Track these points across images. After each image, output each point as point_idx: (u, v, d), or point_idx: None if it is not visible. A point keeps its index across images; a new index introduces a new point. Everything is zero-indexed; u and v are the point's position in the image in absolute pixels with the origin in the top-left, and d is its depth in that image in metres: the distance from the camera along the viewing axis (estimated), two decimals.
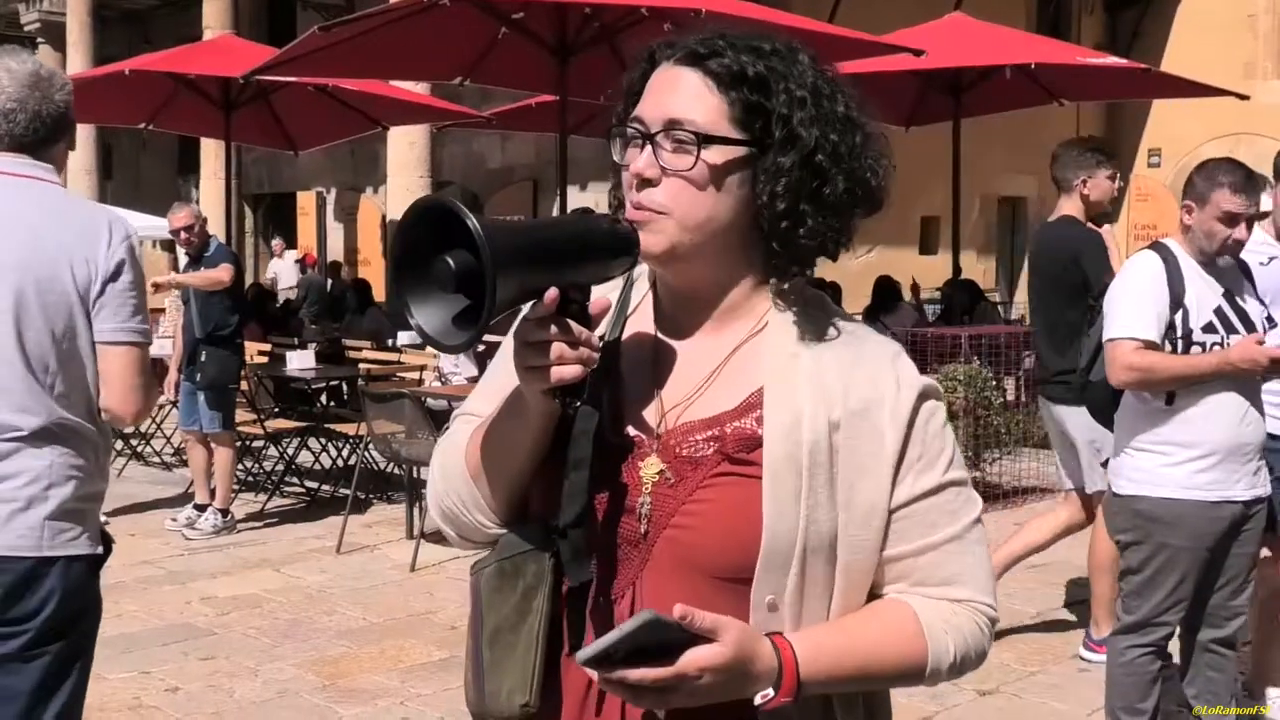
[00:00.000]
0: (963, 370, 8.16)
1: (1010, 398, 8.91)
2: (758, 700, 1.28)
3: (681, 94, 1.36)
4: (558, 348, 1.26)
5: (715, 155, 1.35)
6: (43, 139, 2.68)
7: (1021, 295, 19.80)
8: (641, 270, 1.47)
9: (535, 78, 8.56)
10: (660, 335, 1.45)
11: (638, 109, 1.39)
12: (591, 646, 1.20)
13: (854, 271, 15.20)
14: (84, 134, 17.38)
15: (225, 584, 6.26)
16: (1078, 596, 5.97)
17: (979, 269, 17.65)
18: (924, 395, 1.40)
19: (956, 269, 10.54)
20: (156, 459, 9.90)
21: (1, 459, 2.52)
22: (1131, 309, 3.54)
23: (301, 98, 10.76)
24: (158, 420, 10.23)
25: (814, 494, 1.33)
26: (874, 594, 1.41)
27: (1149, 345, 3.50)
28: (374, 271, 16.04)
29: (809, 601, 1.35)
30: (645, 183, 1.36)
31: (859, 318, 1.55)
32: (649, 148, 1.36)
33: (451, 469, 1.47)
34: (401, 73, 9.78)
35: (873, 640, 1.36)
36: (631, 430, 1.41)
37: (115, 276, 2.63)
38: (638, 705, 1.26)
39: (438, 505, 1.50)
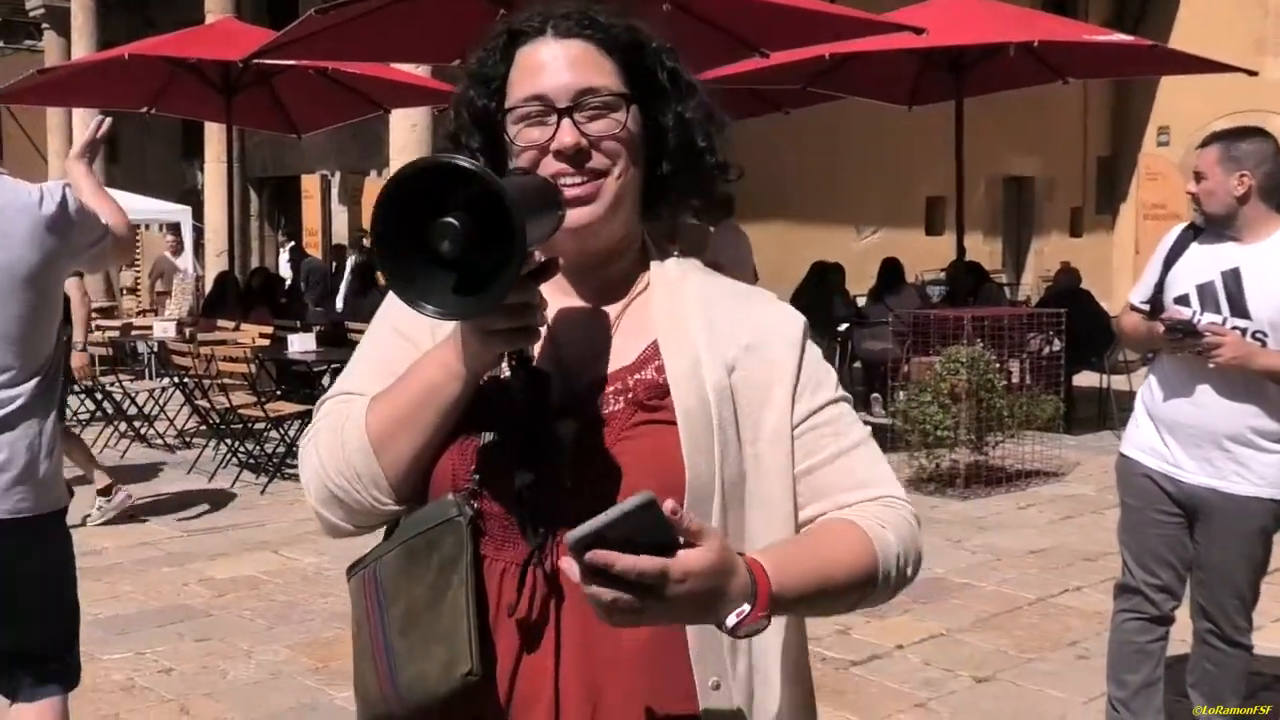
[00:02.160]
0: (965, 352, 8.11)
1: (1015, 380, 8.88)
2: (731, 620, 1.23)
3: (580, 65, 1.40)
4: (523, 310, 1.26)
5: (630, 114, 1.41)
6: None
7: (1029, 276, 19.81)
8: None
9: None
10: (556, 306, 1.44)
11: (528, 88, 1.40)
12: (583, 526, 1.13)
13: (859, 252, 15.22)
14: (86, 119, 17.39)
15: (223, 565, 6.26)
16: (1079, 582, 5.96)
17: (985, 250, 17.61)
18: (806, 329, 1.49)
19: (960, 250, 10.47)
20: (159, 440, 9.91)
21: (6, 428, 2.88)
22: (1141, 276, 3.72)
23: (303, 81, 10.76)
24: (161, 403, 10.25)
25: (723, 431, 1.38)
26: (801, 524, 1.44)
27: (1135, 309, 3.67)
28: None
29: (733, 537, 1.36)
30: (578, 155, 1.38)
31: (864, 299, 1.55)
32: (566, 121, 1.38)
33: (349, 446, 1.41)
34: (400, 55, 9.74)
35: (829, 549, 1.38)
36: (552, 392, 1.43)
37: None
38: (611, 621, 1.18)
39: (322, 487, 1.44)
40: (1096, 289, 12.46)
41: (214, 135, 15.52)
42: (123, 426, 10.01)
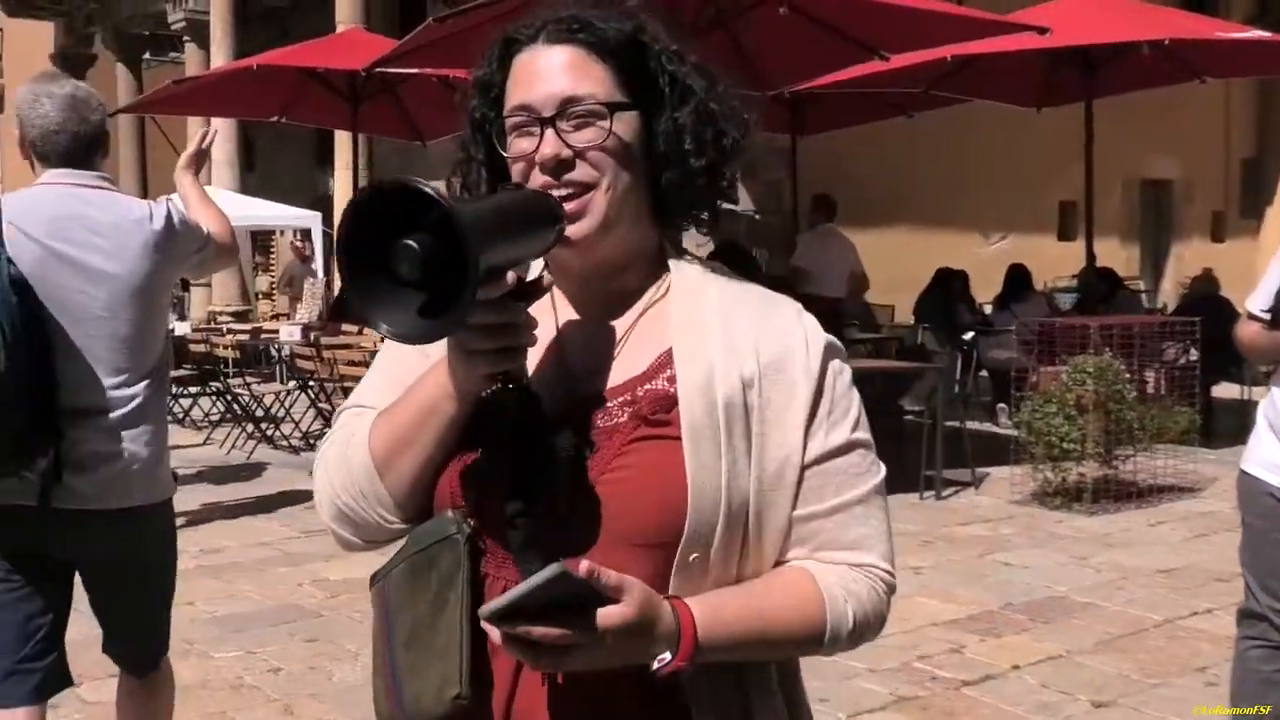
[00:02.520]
0: (1092, 362, 7.84)
1: (1151, 390, 8.56)
2: (654, 665, 1.25)
3: (568, 70, 1.35)
4: (505, 330, 1.24)
5: (620, 124, 1.34)
6: (81, 154, 3.15)
7: (1168, 283, 19.14)
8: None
9: None
10: (561, 315, 1.43)
11: (517, 97, 1.36)
12: (499, 600, 1.17)
13: (986, 259, 14.86)
14: (225, 128, 17.87)
15: (337, 567, 6.32)
16: (1210, 604, 5.68)
17: (1121, 256, 17.07)
18: (831, 351, 1.40)
19: (1090, 256, 10.15)
20: (285, 443, 10.12)
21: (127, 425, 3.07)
22: (1260, 283, 3.50)
23: (426, 88, 10.86)
24: (287, 406, 10.48)
25: (732, 450, 1.31)
26: (777, 560, 1.39)
27: (1254, 318, 3.45)
28: None
29: (728, 564, 1.33)
30: (561, 166, 1.33)
31: (989, 307, 1.47)
32: (550, 131, 1.33)
33: (354, 465, 1.40)
34: None
35: (773, 604, 1.34)
36: (549, 410, 1.36)
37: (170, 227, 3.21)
38: (535, 667, 1.24)
39: (331, 504, 1.44)
40: (1240, 296, 11.96)
41: (343, 143, 15.79)
42: (250, 428, 10.26)
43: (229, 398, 10.61)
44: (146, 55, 22.56)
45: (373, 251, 1.16)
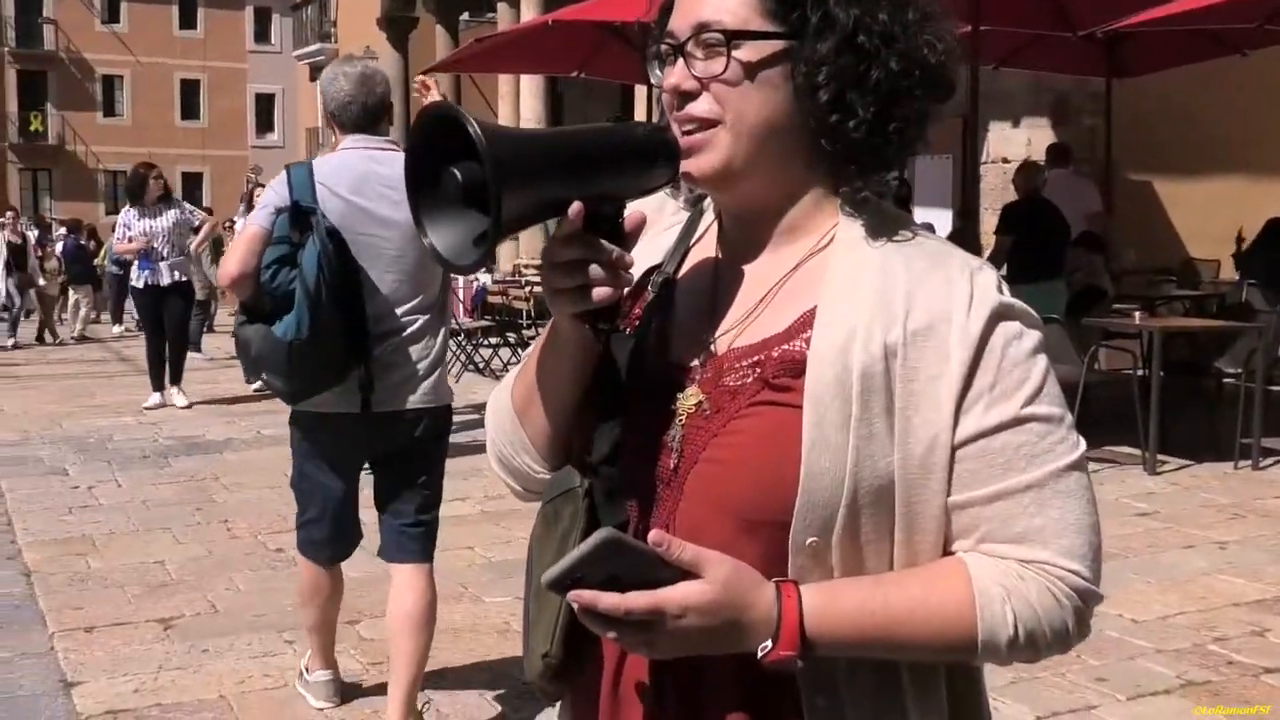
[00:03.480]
0: None
1: None
2: (759, 654, 1.14)
3: None
4: (585, 269, 1.16)
5: (749, 52, 1.22)
6: (369, 121, 3.80)
7: None
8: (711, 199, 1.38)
9: (949, 5, 8.13)
10: (722, 262, 1.33)
11: (669, 23, 1.27)
12: (554, 568, 1.11)
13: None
14: (533, 85, 18.42)
15: None
16: None
17: None
18: (1002, 314, 1.20)
19: None
20: None
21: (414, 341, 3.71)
22: None
23: None
24: None
25: (867, 424, 1.16)
26: (946, 552, 1.22)
27: None
28: None
29: (866, 551, 1.19)
30: (685, 98, 1.24)
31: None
32: (679, 61, 1.24)
33: (500, 409, 1.39)
34: None
35: (905, 597, 1.17)
36: (675, 360, 1.29)
37: None
38: (623, 644, 1.16)
39: (494, 453, 1.41)
40: None
41: (641, 96, 16.01)
42: None
43: (525, 350, 10.95)
44: (464, 16, 23.49)
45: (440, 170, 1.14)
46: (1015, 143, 13.19)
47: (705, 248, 1.37)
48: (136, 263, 10.72)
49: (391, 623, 3.76)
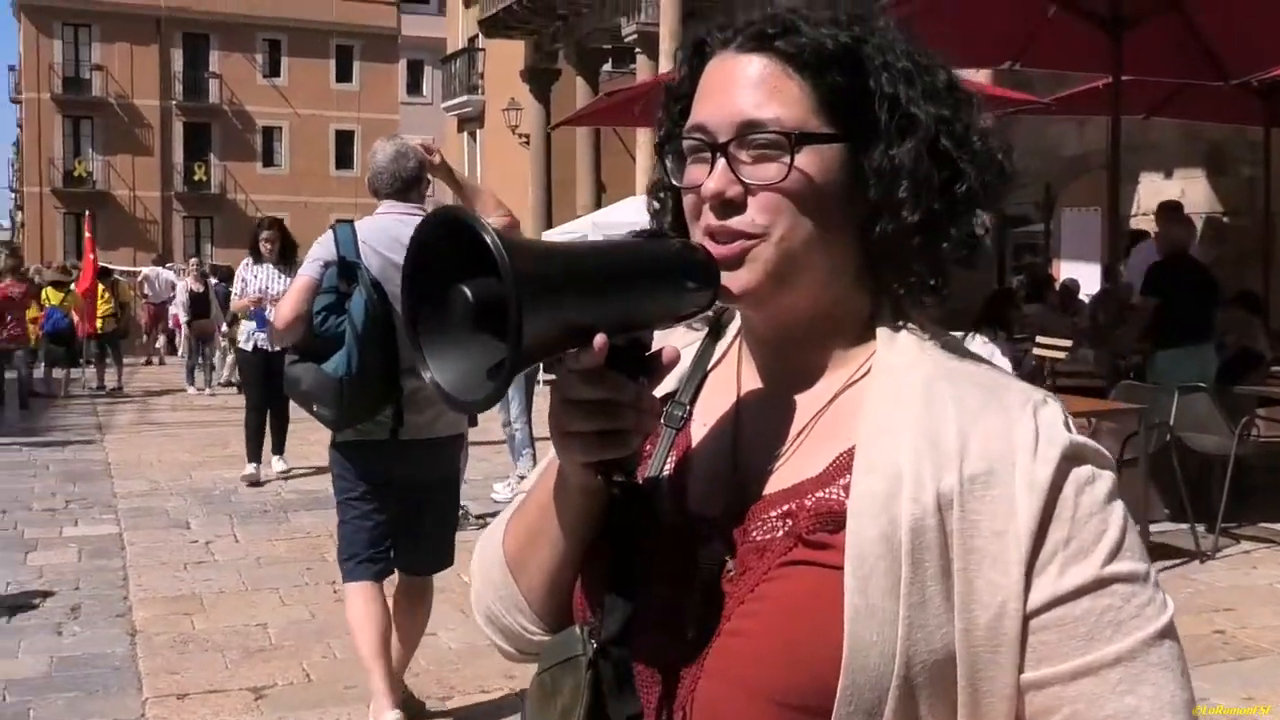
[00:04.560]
0: None
1: None
2: None
3: (753, 87, 1.07)
4: (605, 410, 1.00)
5: (809, 159, 1.05)
6: (401, 190, 4.43)
7: None
8: (734, 314, 1.21)
9: (1089, 56, 7.79)
10: (747, 391, 1.16)
11: (696, 115, 1.09)
12: None
13: None
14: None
15: None
16: None
17: None
18: (1074, 457, 1.01)
19: None
20: None
21: None
22: None
23: None
24: None
25: (920, 588, 0.98)
26: None
27: None
28: None
29: None
30: (726, 207, 1.06)
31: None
32: (721, 161, 1.06)
33: (489, 559, 1.22)
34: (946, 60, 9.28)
35: None
36: (695, 509, 1.12)
37: None
38: None
39: (481, 609, 1.24)
40: None
41: None
42: None
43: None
44: (606, 67, 23.66)
45: (446, 282, 0.96)
46: (1168, 194, 12.59)
47: (726, 374, 1.20)
48: (244, 322, 10.00)
49: (394, 612, 4.42)
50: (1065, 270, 14.40)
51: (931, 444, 1.01)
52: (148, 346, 23.03)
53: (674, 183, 1.13)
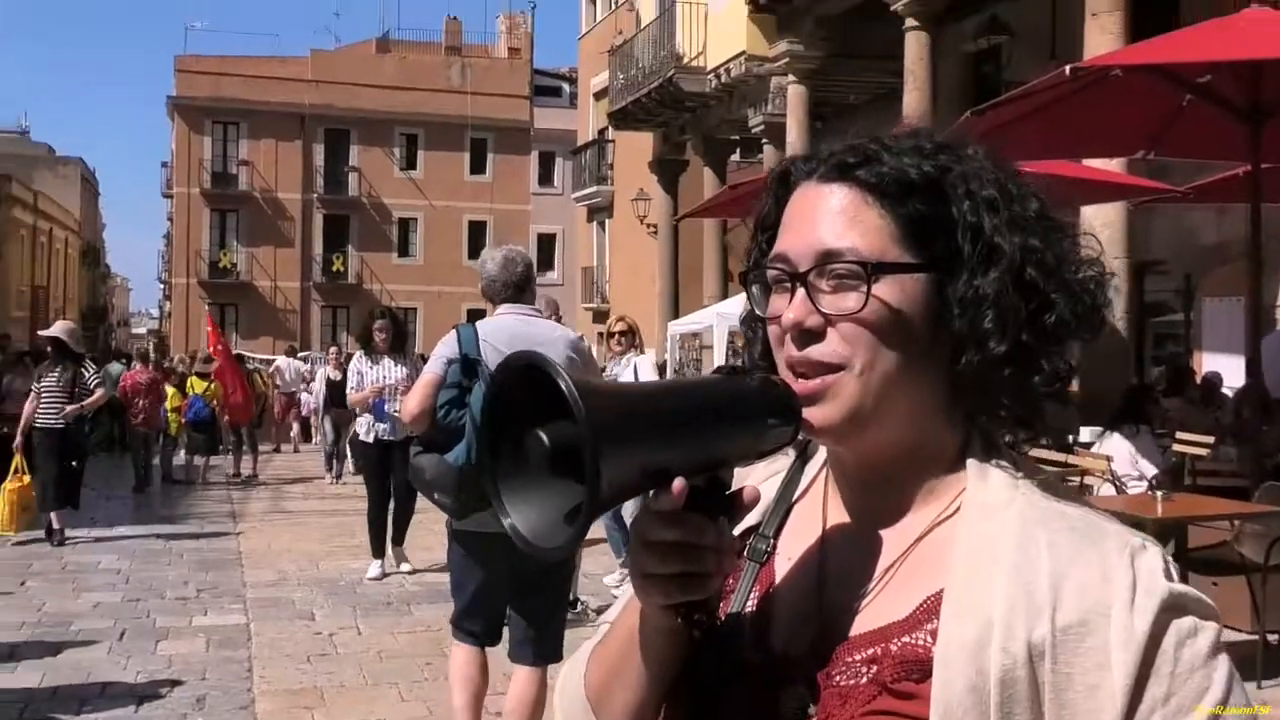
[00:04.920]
0: None
1: None
2: None
3: (833, 217, 1.07)
4: (684, 553, 0.97)
5: (889, 289, 1.04)
6: (513, 293, 4.83)
7: None
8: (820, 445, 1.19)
9: (1226, 145, 7.56)
10: (833, 525, 1.14)
11: (779, 245, 1.10)
12: None
13: None
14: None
15: None
16: None
17: None
18: (1174, 607, 0.97)
19: None
20: None
21: None
22: None
23: None
24: None
25: None
26: None
27: None
28: None
29: None
30: (807, 337, 1.06)
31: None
32: (801, 291, 1.06)
33: (571, 698, 1.19)
34: (1077, 150, 9.12)
35: None
36: (779, 648, 1.09)
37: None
38: None
39: None
40: None
41: None
42: None
43: None
44: (734, 157, 23.81)
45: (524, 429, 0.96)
46: None
47: (811, 507, 1.18)
48: (361, 413, 9.77)
49: (508, 699, 4.73)
50: (1206, 362, 13.91)
51: (1024, 591, 0.97)
52: (280, 435, 23.56)
53: (759, 313, 1.12)
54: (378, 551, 9.65)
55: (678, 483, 0.94)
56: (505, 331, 4.63)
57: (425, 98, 47.96)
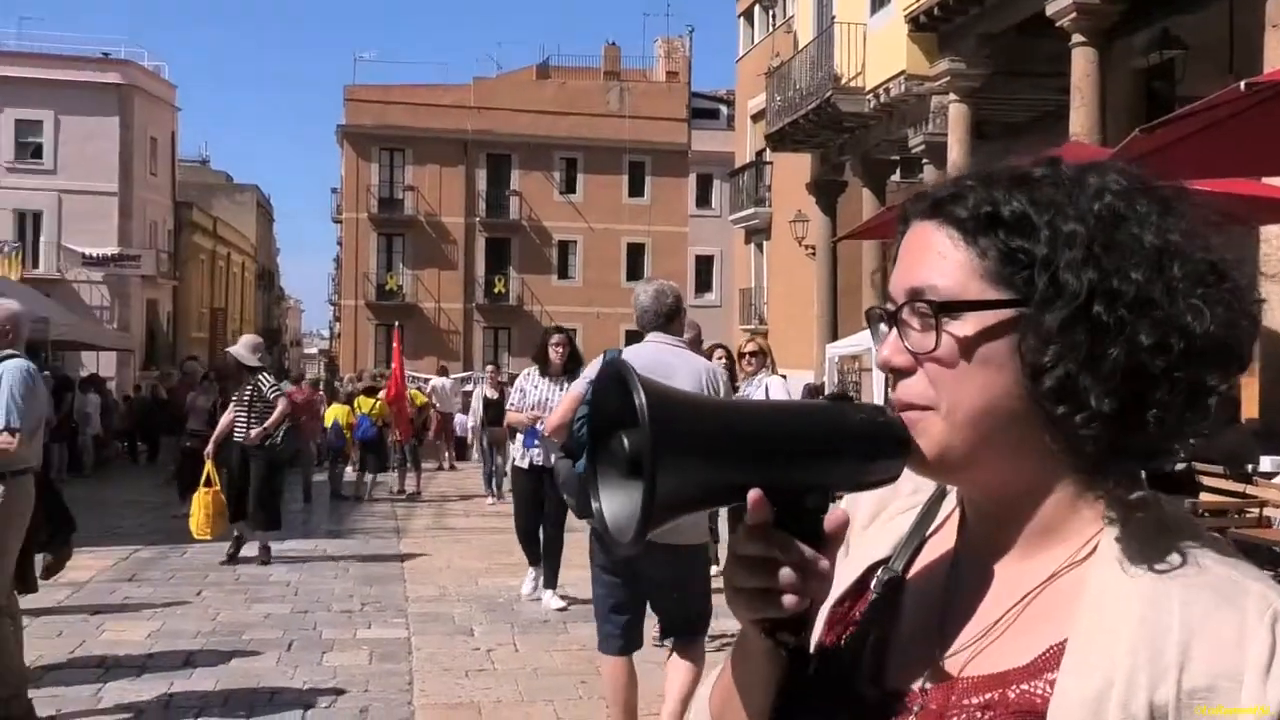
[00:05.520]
0: None
1: None
2: None
3: (922, 255, 1.06)
4: (770, 569, 0.98)
5: (967, 325, 1.01)
6: (662, 323, 5.40)
7: None
8: None
9: None
10: (962, 561, 1.11)
11: (890, 283, 1.10)
12: None
13: None
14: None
15: None
16: None
17: None
18: None
19: None
20: None
21: None
22: None
23: None
24: None
25: None
26: None
27: None
28: (1252, 383, 14.61)
29: None
30: (899, 375, 1.06)
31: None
32: (892, 331, 1.06)
33: (698, 715, 1.19)
34: (1257, 168, 8.76)
35: None
36: (894, 684, 1.07)
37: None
38: None
39: None
40: None
41: None
42: None
43: None
44: (894, 177, 23.52)
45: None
46: None
47: (944, 540, 1.15)
48: (522, 436, 9.36)
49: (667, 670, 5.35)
50: None
51: (1150, 649, 0.93)
52: (438, 453, 24.09)
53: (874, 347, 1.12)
54: (535, 559, 9.46)
55: (754, 493, 0.95)
56: (648, 356, 5.12)
57: (584, 122, 48.64)
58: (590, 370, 5.42)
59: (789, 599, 0.98)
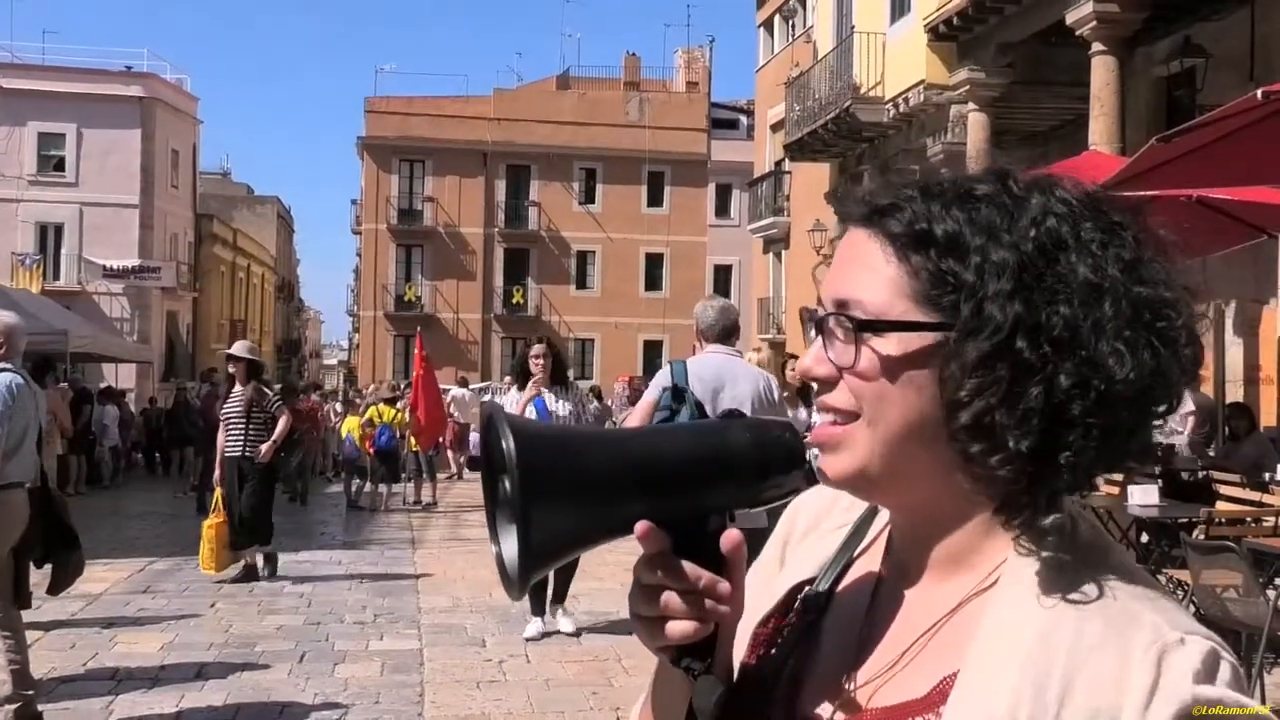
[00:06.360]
0: None
1: None
2: None
3: (852, 266, 1.02)
4: (665, 596, 0.96)
5: (891, 343, 0.98)
6: (724, 336, 6.02)
7: None
8: None
9: None
10: (884, 583, 1.08)
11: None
12: None
13: None
14: None
15: None
16: None
17: None
18: (1193, 717, 0.85)
19: None
20: None
21: None
22: None
23: (1174, 208, 10.01)
24: None
25: None
26: None
27: None
28: (1272, 392, 14.45)
29: None
30: (822, 384, 1.03)
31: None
32: (817, 339, 1.03)
33: None
34: (1277, 176, 8.65)
35: None
36: (804, 711, 1.04)
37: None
38: None
39: None
40: None
41: None
42: None
43: None
44: None
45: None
46: None
47: (870, 561, 1.12)
48: None
49: None
50: None
51: (1033, 686, 0.89)
52: (452, 463, 24.10)
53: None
54: (538, 609, 8.56)
55: (640, 526, 0.94)
56: (710, 367, 5.79)
57: (604, 132, 48.67)
58: (660, 379, 5.83)
59: (684, 626, 0.95)
